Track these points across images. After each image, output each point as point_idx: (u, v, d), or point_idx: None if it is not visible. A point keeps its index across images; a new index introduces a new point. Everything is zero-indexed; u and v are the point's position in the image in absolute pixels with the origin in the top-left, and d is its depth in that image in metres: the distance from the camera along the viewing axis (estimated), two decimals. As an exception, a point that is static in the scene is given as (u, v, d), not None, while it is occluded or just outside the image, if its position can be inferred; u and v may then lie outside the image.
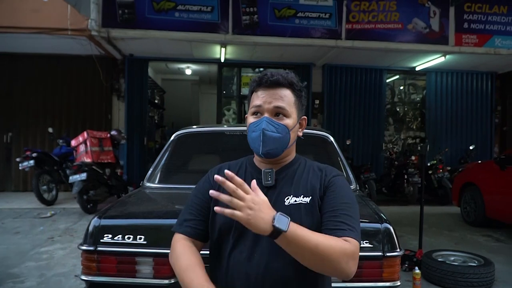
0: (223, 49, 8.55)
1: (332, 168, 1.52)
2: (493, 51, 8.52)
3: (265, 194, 1.30)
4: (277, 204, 1.35)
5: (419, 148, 9.29)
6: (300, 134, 1.51)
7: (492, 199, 6.46)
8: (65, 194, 8.63)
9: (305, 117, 1.54)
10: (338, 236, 1.26)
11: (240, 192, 1.15)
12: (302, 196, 1.40)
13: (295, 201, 1.39)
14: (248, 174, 1.49)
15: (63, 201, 8.30)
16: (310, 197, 1.40)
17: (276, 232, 1.15)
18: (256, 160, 1.52)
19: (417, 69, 10.21)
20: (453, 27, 8.35)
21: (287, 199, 1.39)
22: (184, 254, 1.40)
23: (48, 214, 7.15)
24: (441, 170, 8.80)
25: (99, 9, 7.36)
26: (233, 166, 1.56)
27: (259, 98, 1.41)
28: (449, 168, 9.27)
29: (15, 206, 7.89)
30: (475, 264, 4.25)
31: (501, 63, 9.57)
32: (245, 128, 3.39)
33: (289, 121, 1.41)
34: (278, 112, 1.40)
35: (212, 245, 1.47)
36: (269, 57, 9.13)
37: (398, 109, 11.43)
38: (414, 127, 11.33)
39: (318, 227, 1.33)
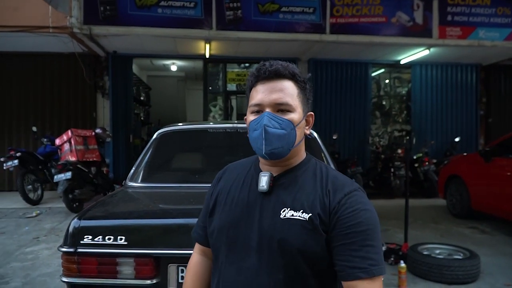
0: (207, 45, 8.49)
1: (346, 180, 1.28)
2: (477, 43, 8.57)
3: (260, 201, 1.25)
4: (271, 215, 1.21)
5: (404, 141, 9.35)
6: (308, 132, 1.32)
7: (477, 191, 6.53)
8: (51, 194, 8.55)
9: (312, 113, 1.35)
10: (359, 278, 1.12)
11: None
12: (301, 211, 1.19)
13: (292, 215, 1.19)
14: (249, 176, 1.34)
15: (48, 200, 8.22)
16: (310, 215, 1.18)
17: None
18: (261, 162, 1.34)
19: (402, 62, 10.25)
20: (436, 19, 8.38)
21: (283, 212, 1.21)
22: (186, 274, 1.48)
23: (34, 214, 7.09)
24: (427, 163, 8.87)
25: (80, 5, 7.25)
26: (240, 165, 1.43)
27: (259, 94, 1.25)
28: (435, 160, 9.33)
29: (0, 206, 7.78)
30: (460, 257, 4.29)
31: (485, 55, 9.64)
32: (228, 125, 3.39)
33: (294, 116, 1.23)
34: (281, 108, 1.23)
35: (212, 249, 1.38)
36: (254, 52, 9.10)
37: (384, 103, 11.48)
38: (400, 120, 11.39)
39: (313, 252, 1.17)
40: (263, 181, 1.25)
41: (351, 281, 1.13)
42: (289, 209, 1.21)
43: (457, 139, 10.13)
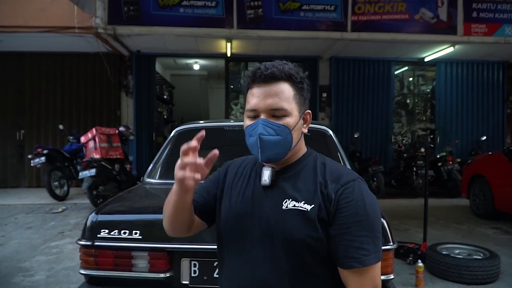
0: (228, 44, 8.57)
1: (346, 170, 1.32)
2: (504, 40, 8.36)
3: (263, 195, 1.29)
4: (274, 207, 1.26)
5: (428, 140, 9.23)
6: (305, 130, 1.34)
7: (501, 191, 6.38)
8: (77, 190, 8.77)
9: (309, 111, 1.36)
10: (353, 267, 1.17)
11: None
12: (303, 202, 1.23)
13: (294, 206, 1.23)
14: (253, 171, 1.38)
15: (74, 196, 8.44)
16: (312, 206, 1.21)
17: None
18: None
19: (426, 60, 10.10)
20: (461, 16, 8.21)
21: (285, 203, 1.24)
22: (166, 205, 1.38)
23: (60, 210, 7.30)
24: (450, 162, 8.73)
25: (105, 6, 7.40)
26: (245, 161, 1.47)
27: (254, 98, 1.25)
28: (459, 160, 9.18)
29: (28, 201, 8.05)
30: (480, 257, 4.21)
31: (512, 52, 9.42)
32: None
33: (289, 120, 1.24)
34: (276, 114, 1.24)
35: (217, 242, 1.42)
36: (275, 50, 9.11)
37: (407, 101, 11.34)
38: (424, 118, 11.24)
39: (316, 242, 1.21)
40: (265, 175, 1.29)
41: (346, 270, 1.20)
42: (290, 200, 1.24)
43: (483, 138, 9.94)
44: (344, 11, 7.87)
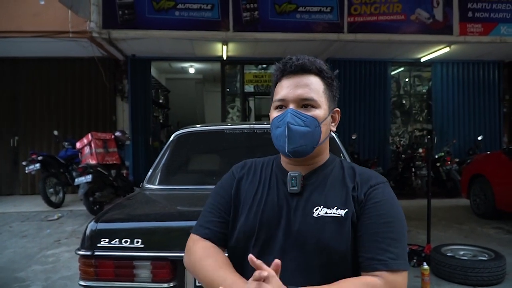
0: (224, 47, 8.51)
1: (375, 173, 1.28)
2: (499, 39, 8.39)
3: (290, 202, 1.23)
4: (303, 215, 1.19)
5: (425, 140, 9.20)
6: (334, 128, 1.30)
7: (502, 190, 6.35)
8: (72, 196, 8.64)
9: (338, 109, 1.32)
10: (377, 270, 1.10)
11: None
12: (335, 207, 1.18)
13: (326, 213, 1.18)
14: (273, 176, 1.30)
15: (70, 203, 8.31)
16: (346, 210, 1.17)
17: None
18: (283, 160, 1.31)
19: (422, 60, 10.10)
20: (457, 16, 8.23)
21: (316, 210, 1.19)
22: (209, 256, 1.24)
23: (55, 217, 7.19)
24: (449, 162, 8.70)
25: (99, 10, 7.34)
26: (258, 164, 1.37)
27: (283, 89, 1.22)
28: (457, 160, 9.15)
29: (23, 209, 7.92)
30: (485, 258, 4.15)
31: (508, 51, 9.39)
32: (245, 126, 3.37)
33: (318, 112, 1.21)
34: (306, 104, 1.21)
35: (230, 254, 1.30)
36: (272, 53, 9.06)
37: (404, 102, 11.33)
38: (421, 119, 11.23)
39: (350, 247, 1.15)
40: (294, 182, 1.23)
41: (370, 272, 1.12)
42: (322, 207, 1.19)
43: (480, 138, 9.93)
44: (340, 12, 7.87)
